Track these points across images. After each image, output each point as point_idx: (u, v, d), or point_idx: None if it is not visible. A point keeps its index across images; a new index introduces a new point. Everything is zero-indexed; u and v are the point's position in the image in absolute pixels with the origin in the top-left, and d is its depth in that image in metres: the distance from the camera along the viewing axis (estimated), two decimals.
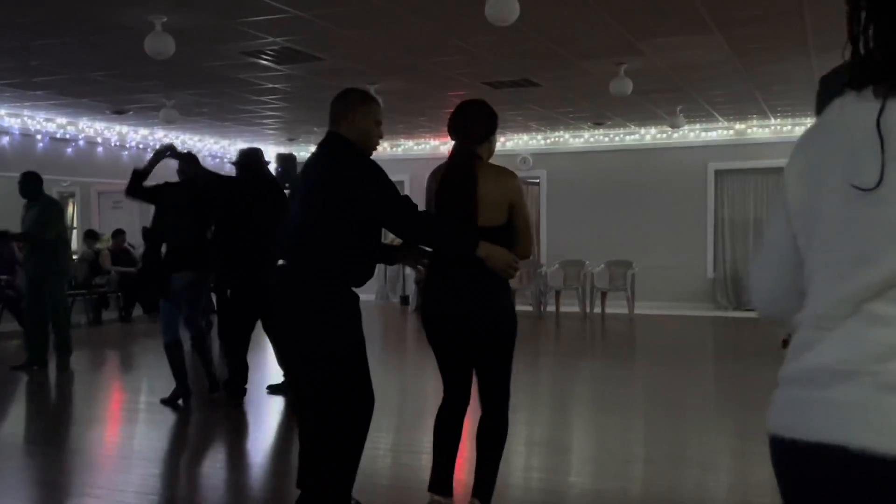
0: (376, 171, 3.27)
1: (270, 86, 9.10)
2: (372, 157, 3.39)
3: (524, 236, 3.36)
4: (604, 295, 12.41)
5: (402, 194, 3.35)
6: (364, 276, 3.37)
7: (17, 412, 6.49)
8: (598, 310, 12.44)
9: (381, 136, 3.52)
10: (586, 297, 12.55)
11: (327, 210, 3.25)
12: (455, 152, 3.43)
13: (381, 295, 14.91)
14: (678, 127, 11.98)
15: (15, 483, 4.51)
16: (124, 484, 4.46)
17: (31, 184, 7.50)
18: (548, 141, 14.06)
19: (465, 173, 3.31)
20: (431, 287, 3.42)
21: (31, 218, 7.42)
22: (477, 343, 3.32)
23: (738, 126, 12.80)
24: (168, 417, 5.92)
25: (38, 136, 11.35)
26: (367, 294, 13.77)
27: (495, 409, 3.39)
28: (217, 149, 14.02)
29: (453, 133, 3.46)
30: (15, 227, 7.75)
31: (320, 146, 3.45)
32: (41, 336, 7.61)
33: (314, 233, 3.27)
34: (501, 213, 3.28)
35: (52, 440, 5.54)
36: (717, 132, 13.02)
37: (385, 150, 14.50)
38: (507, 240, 3.28)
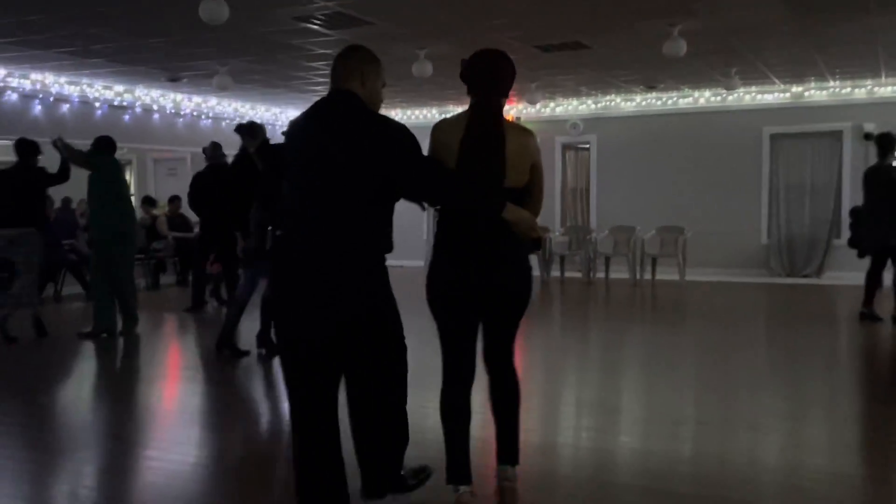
0: (407, 134, 3.03)
1: (321, 51, 9.15)
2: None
3: (539, 198, 3.25)
4: (654, 261, 12.29)
5: (428, 157, 3.13)
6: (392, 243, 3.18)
7: (85, 371, 6.73)
8: (648, 276, 12.34)
9: (382, 99, 3.26)
10: (636, 263, 12.46)
11: (358, 177, 2.97)
12: (482, 106, 3.16)
13: (428, 260, 14.99)
14: (733, 90, 11.75)
15: (85, 435, 4.71)
16: (185, 438, 4.64)
17: (99, 149, 7.66)
18: (598, 105, 13.90)
19: (495, 131, 3.11)
20: (447, 249, 3.23)
21: (102, 179, 7.57)
22: (498, 300, 3.19)
23: (795, 89, 12.48)
24: (226, 376, 6.09)
25: (97, 104, 11.62)
26: (416, 260, 13.92)
27: (510, 367, 3.32)
28: (269, 116, 14.18)
29: (477, 83, 3.18)
30: (80, 192, 7.97)
31: (332, 105, 3.10)
32: (107, 302, 7.63)
33: (344, 200, 2.97)
34: (524, 173, 3.16)
35: (118, 397, 5.76)
36: (774, 95, 12.72)
37: (434, 116, 14.49)
38: (523, 202, 3.14)
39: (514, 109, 14.28)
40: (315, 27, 7.90)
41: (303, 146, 3.12)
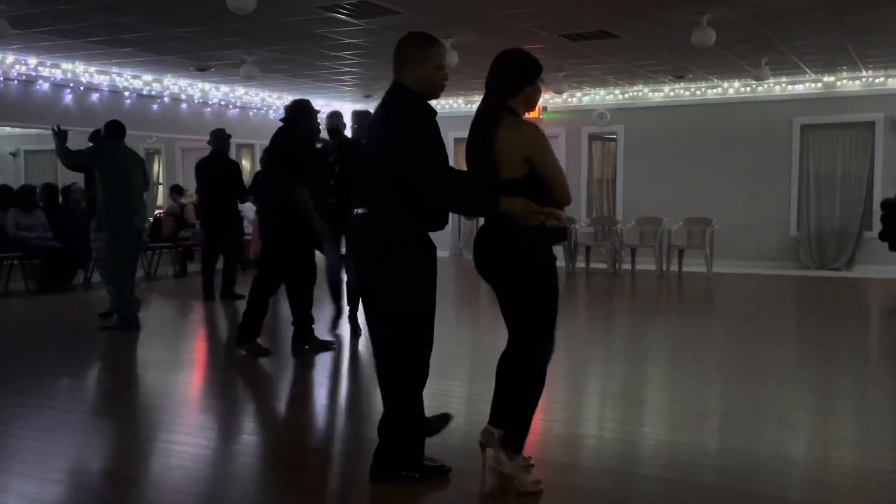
0: (409, 131, 3.25)
1: (347, 41, 9.16)
2: (421, 111, 3.32)
3: (554, 187, 3.29)
4: (681, 253, 12.19)
5: (431, 159, 3.26)
6: (434, 222, 3.39)
7: (109, 359, 6.81)
8: (674, 268, 12.24)
9: (444, 79, 3.41)
10: (663, 254, 12.36)
11: (384, 163, 3.30)
12: (480, 105, 3.41)
13: (454, 251, 15.01)
14: (763, 80, 11.60)
15: (111, 419, 4.77)
16: (208, 422, 4.69)
17: (105, 133, 7.41)
18: (626, 95, 13.80)
19: (482, 128, 3.31)
20: (477, 235, 3.54)
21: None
22: (503, 290, 3.43)
23: (827, 79, 12.30)
24: (249, 363, 6.14)
25: (126, 93, 11.74)
26: (440, 251, 13.95)
27: (516, 366, 3.46)
28: None
29: (486, 84, 3.40)
30: None
31: (384, 97, 3.45)
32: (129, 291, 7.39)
33: (380, 184, 3.33)
34: (517, 167, 3.25)
35: (143, 383, 5.83)
36: (804, 85, 12.54)
37: (460, 106, 14.45)
38: (530, 191, 3.23)
39: (540, 99, 14.19)
40: (342, 16, 7.91)
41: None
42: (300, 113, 6.18)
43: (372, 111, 7.21)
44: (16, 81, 10.38)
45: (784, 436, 4.34)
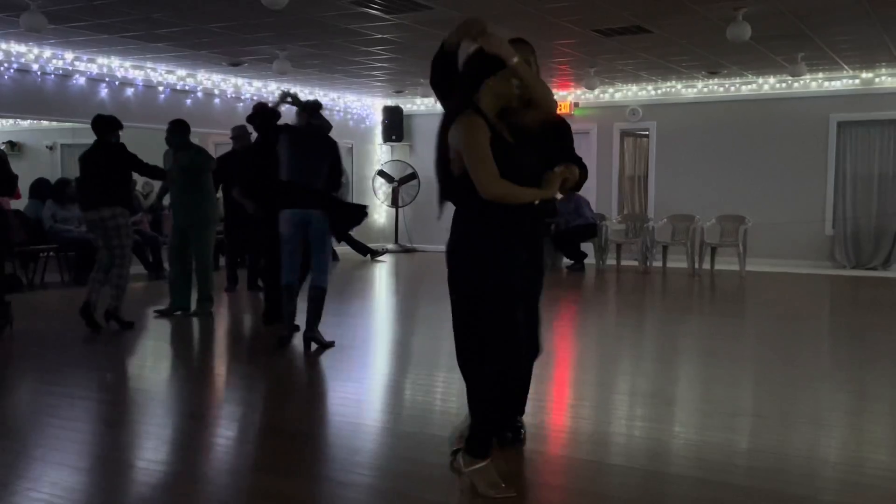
0: None
1: (379, 36, 9.18)
2: None
3: (475, 180, 3.22)
4: (713, 250, 12.05)
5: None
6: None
7: (160, 350, 6.89)
8: (707, 266, 12.11)
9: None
10: (695, 252, 12.23)
11: None
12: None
13: None
14: (799, 76, 11.42)
15: (161, 412, 4.82)
16: (251, 415, 4.73)
17: (178, 133, 7.61)
18: (659, 91, 13.67)
19: (441, 126, 3.38)
20: None
21: (182, 165, 7.48)
22: None
23: (865, 75, 12.09)
24: (296, 356, 6.17)
25: (160, 88, 11.86)
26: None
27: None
28: (327, 101, 14.28)
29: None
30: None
31: None
32: (184, 283, 7.75)
33: None
34: (459, 162, 3.27)
35: (182, 373, 5.89)
36: (842, 81, 12.34)
37: None
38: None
39: (571, 95, 14.13)
40: (374, 11, 7.92)
41: None
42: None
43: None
44: (52, 76, 10.53)
45: (817, 437, 4.27)
